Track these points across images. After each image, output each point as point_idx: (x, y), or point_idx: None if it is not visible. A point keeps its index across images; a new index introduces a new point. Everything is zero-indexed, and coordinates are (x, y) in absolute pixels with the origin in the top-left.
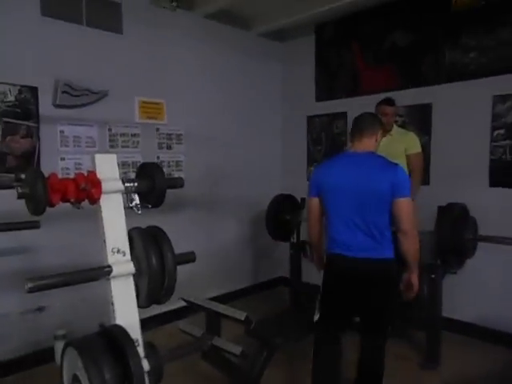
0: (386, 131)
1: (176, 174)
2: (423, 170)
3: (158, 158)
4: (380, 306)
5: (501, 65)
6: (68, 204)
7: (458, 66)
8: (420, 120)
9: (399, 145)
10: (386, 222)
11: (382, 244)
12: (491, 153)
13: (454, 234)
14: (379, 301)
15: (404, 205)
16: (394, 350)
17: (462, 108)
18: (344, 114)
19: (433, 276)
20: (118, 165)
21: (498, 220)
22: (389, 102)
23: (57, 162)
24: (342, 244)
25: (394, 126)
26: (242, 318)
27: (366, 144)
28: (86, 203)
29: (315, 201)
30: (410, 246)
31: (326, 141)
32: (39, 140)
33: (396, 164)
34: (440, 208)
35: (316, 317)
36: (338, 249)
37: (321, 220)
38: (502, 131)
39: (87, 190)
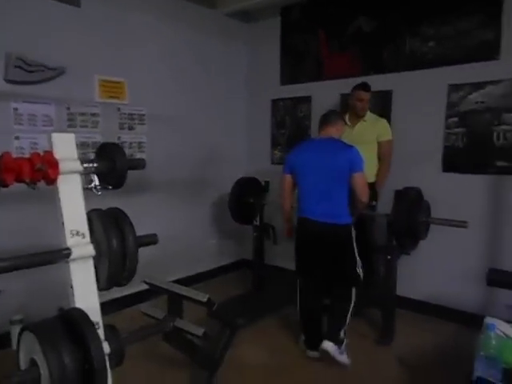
0: (360, 116)
1: (138, 156)
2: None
3: (119, 138)
4: (337, 256)
5: (456, 54)
6: (23, 184)
7: (417, 55)
8: (381, 106)
9: (371, 131)
10: (345, 192)
11: (340, 212)
12: (445, 139)
13: (409, 217)
14: (337, 253)
15: (359, 178)
16: (351, 326)
17: (420, 96)
18: (308, 98)
19: (388, 257)
20: (77, 145)
21: (450, 203)
22: (365, 87)
23: (11, 142)
24: (308, 210)
25: (368, 112)
26: (205, 300)
27: (328, 132)
28: (43, 184)
29: (288, 177)
30: (360, 206)
31: (291, 124)
32: None
33: (351, 146)
34: (396, 192)
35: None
36: (305, 213)
37: (291, 192)
38: (455, 119)
39: (43, 170)
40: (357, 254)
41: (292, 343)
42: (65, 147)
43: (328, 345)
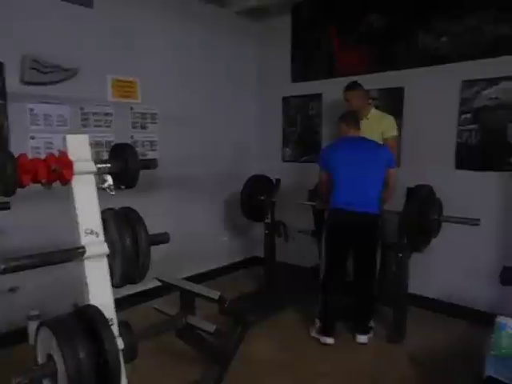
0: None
1: (150, 154)
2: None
3: (132, 137)
4: (368, 242)
5: (470, 50)
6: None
7: (429, 51)
8: (393, 103)
9: (376, 128)
10: (379, 186)
11: (373, 203)
12: (458, 136)
13: (420, 215)
14: (367, 239)
15: (394, 172)
16: None
17: (433, 92)
18: (319, 96)
19: (400, 255)
20: (91, 144)
21: (462, 201)
22: (349, 86)
23: (27, 141)
24: (343, 201)
25: (372, 109)
26: (216, 297)
27: (357, 132)
28: (58, 184)
29: (324, 173)
30: (392, 193)
31: (301, 122)
32: (7, 118)
33: (384, 145)
34: (408, 189)
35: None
36: (340, 205)
37: (328, 184)
38: (468, 115)
39: (58, 171)
40: (379, 243)
41: (303, 338)
42: (79, 148)
43: (362, 338)
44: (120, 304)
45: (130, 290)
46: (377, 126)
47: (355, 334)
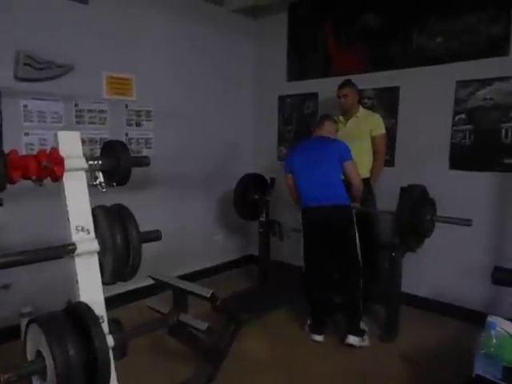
0: (346, 112)
1: (145, 152)
2: (386, 150)
3: (127, 134)
4: (342, 235)
5: (465, 50)
6: (30, 181)
7: (424, 51)
8: (388, 103)
9: (364, 126)
10: (340, 180)
11: (339, 194)
12: (452, 137)
13: (413, 215)
14: (340, 231)
15: (350, 166)
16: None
17: (427, 92)
18: (315, 95)
19: (393, 254)
20: (85, 141)
21: (456, 201)
22: (343, 84)
23: (20, 138)
24: (309, 199)
25: (360, 108)
26: (208, 295)
27: (318, 132)
28: (49, 180)
29: (290, 176)
30: (356, 192)
31: (297, 121)
32: (1, 115)
33: (339, 140)
34: (402, 189)
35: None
36: (308, 203)
37: (296, 189)
38: (463, 116)
39: (49, 167)
40: (357, 237)
41: (296, 337)
42: (70, 145)
43: (353, 339)
44: (114, 301)
45: (123, 287)
46: (365, 124)
47: (346, 335)
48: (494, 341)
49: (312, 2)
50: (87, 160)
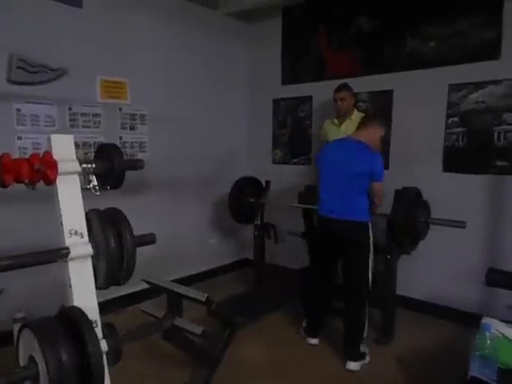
0: (342, 115)
1: (140, 155)
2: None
3: (121, 138)
4: (353, 253)
5: (457, 54)
6: (23, 185)
7: (417, 55)
8: (382, 106)
9: None
10: (364, 196)
11: (357, 210)
12: (445, 139)
13: (408, 217)
14: (353, 250)
15: (378, 186)
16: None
17: (420, 95)
18: (309, 98)
19: (388, 257)
20: (79, 145)
21: (450, 203)
22: (340, 87)
23: (14, 142)
24: (326, 208)
25: (355, 111)
26: (203, 299)
27: (359, 134)
28: (42, 184)
29: (317, 171)
30: (374, 209)
31: (292, 124)
32: None
33: (375, 153)
34: (396, 192)
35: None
36: (324, 212)
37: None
38: (455, 119)
39: (42, 170)
40: (371, 260)
41: (291, 340)
42: (64, 148)
43: (352, 365)
44: (108, 306)
45: (118, 291)
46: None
47: (346, 360)
48: (489, 342)
49: (306, 6)
50: (81, 163)
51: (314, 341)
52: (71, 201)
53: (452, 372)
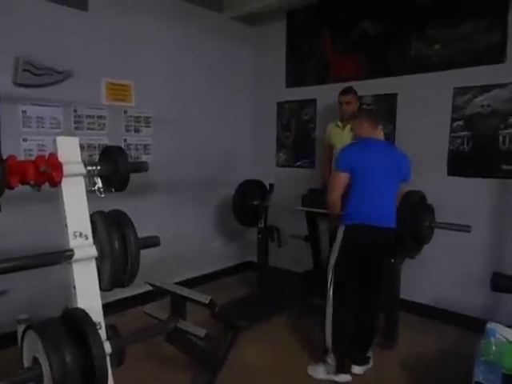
0: (346, 118)
1: (144, 158)
2: None
3: (126, 140)
4: (384, 261)
5: (462, 58)
6: (29, 186)
7: (422, 58)
8: (386, 109)
9: None
10: (395, 196)
11: (392, 216)
12: (450, 143)
13: (412, 221)
14: (384, 259)
15: (406, 188)
16: None
17: (425, 99)
18: (313, 101)
19: (392, 260)
20: (84, 147)
21: (454, 207)
22: (345, 90)
23: (19, 144)
24: (366, 215)
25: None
26: (207, 302)
27: (377, 134)
28: (47, 186)
29: (345, 176)
30: None
31: (296, 127)
32: None
33: (405, 154)
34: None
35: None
36: (361, 219)
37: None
38: (460, 122)
39: (48, 172)
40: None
41: (295, 344)
42: (69, 150)
43: (357, 369)
44: (112, 308)
45: (121, 293)
46: None
47: (351, 365)
48: (494, 348)
49: (310, 10)
50: (86, 165)
51: (348, 377)
52: (76, 203)
53: (456, 377)
